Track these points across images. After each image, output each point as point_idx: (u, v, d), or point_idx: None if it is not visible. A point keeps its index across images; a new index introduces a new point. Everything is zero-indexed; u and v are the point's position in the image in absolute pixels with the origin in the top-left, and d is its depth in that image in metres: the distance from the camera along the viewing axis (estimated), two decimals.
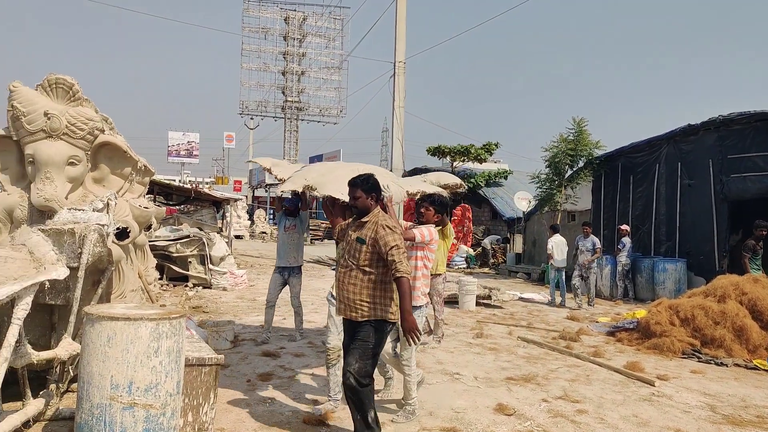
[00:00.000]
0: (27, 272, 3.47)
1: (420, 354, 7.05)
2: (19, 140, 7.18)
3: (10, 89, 6.66)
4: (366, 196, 3.98)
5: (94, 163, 6.88)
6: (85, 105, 7.34)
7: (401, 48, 18.21)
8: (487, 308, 10.90)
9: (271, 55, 47.01)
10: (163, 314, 3.60)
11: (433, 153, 23.01)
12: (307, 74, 47.51)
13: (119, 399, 3.41)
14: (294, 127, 47.33)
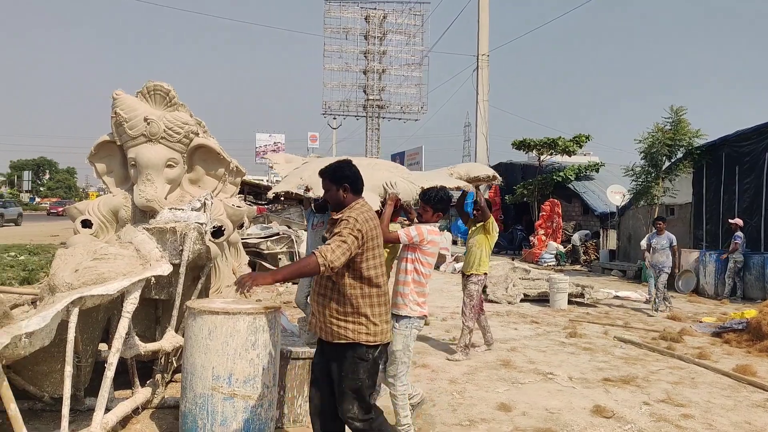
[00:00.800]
0: (134, 268, 3.67)
1: (510, 352, 6.90)
2: (122, 145, 7.61)
3: (113, 97, 7.08)
4: (336, 187, 3.33)
5: (190, 164, 7.21)
6: (180, 110, 7.68)
7: (484, 41, 17.92)
8: (579, 307, 10.52)
9: (352, 54, 47.65)
10: (259, 309, 3.70)
11: (518, 147, 22.48)
12: (387, 72, 47.78)
13: (220, 389, 3.53)
14: (375, 125, 47.74)
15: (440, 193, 4.29)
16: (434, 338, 7.42)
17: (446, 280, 13.47)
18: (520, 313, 9.66)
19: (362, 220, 3.17)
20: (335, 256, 3.02)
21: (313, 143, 59.30)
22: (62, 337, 3.39)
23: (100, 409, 3.52)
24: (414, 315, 4.03)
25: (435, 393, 5.30)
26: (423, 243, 4.05)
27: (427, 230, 4.08)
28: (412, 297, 4.02)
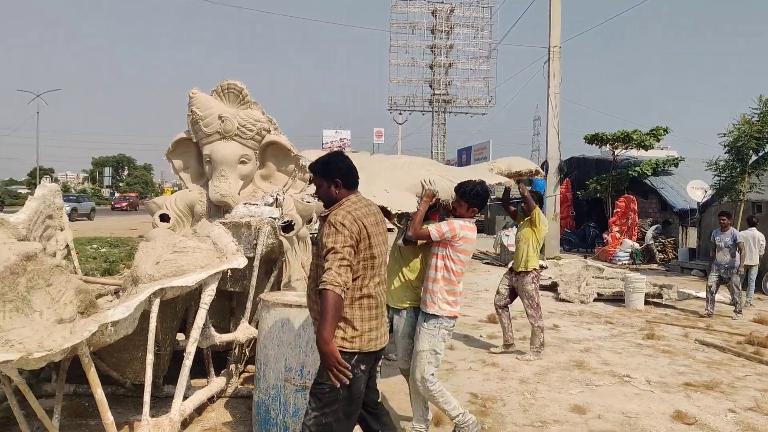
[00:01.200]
0: (212, 261, 3.77)
1: (584, 353, 6.68)
2: (198, 142, 7.85)
3: (189, 96, 7.32)
4: (327, 183, 3.01)
5: (261, 161, 7.37)
6: (253, 108, 7.86)
7: (556, 32, 17.43)
8: (657, 308, 10.07)
9: (418, 49, 47.49)
10: None
11: (591, 141, 21.76)
12: (454, 66, 47.36)
13: (292, 381, 3.59)
14: (442, 120, 47.42)
15: (477, 187, 3.98)
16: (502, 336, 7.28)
17: None
18: (594, 312, 9.35)
19: (350, 221, 2.82)
20: (346, 277, 2.73)
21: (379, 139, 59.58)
22: (143, 326, 3.54)
23: (179, 396, 3.64)
24: (442, 314, 3.82)
25: (505, 392, 5.20)
26: (455, 239, 3.82)
27: (459, 225, 3.85)
28: (441, 295, 3.83)
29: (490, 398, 5.01)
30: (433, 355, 3.80)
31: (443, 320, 3.82)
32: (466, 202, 3.95)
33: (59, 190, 5.46)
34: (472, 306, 9.47)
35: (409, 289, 4.03)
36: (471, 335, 7.26)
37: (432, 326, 3.81)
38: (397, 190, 3.92)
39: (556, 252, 17.42)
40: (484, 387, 5.32)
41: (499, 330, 7.64)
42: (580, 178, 22.82)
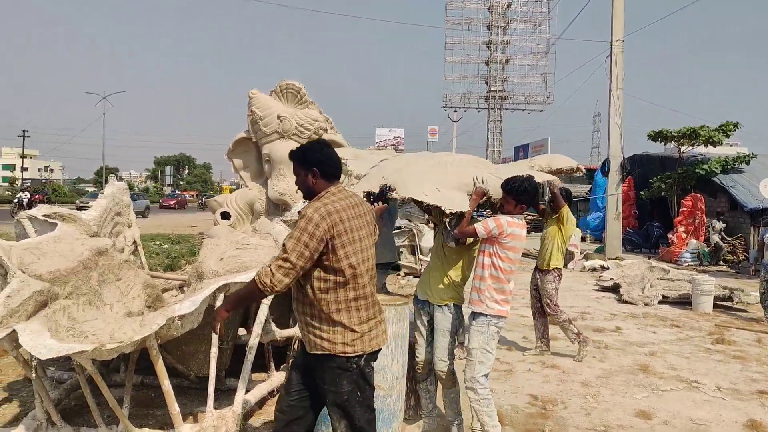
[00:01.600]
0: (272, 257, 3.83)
1: (649, 357, 6.45)
2: (257, 141, 8.00)
3: (249, 96, 7.47)
4: (305, 172, 2.81)
5: None
6: (311, 107, 7.96)
7: (619, 25, 16.90)
8: (726, 311, 9.63)
9: (474, 46, 47.07)
10: (388, 300, 3.73)
11: (655, 138, 20.99)
12: (511, 62, 46.70)
13: None
14: (498, 117, 46.86)
15: (524, 182, 3.80)
16: (564, 338, 7.12)
17: (575, 278, 12.91)
18: (659, 315, 9.02)
19: (320, 216, 2.62)
20: (276, 280, 2.59)
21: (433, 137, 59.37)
22: (207, 320, 3.62)
23: (241, 389, 3.72)
24: (490, 313, 3.72)
25: (566, 395, 5.08)
26: (502, 236, 3.70)
27: (506, 222, 3.72)
28: (489, 294, 3.73)
29: (551, 400, 4.91)
30: (484, 354, 3.71)
31: (491, 319, 3.73)
32: (513, 199, 3.80)
33: (127, 188, 5.68)
34: (528, 306, 9.29)
35: (452, 287, 3.95)
36: (529, 336, 7.13)
37: (481, 323, 3.74)
38: (448, 188, 3.83)
39: (618, 252, 16.90)
40: (544, 389, 5.21)
41: (559, 332, 7.48)
42: (643, 177, 22.06)
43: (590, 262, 14.39)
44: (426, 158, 4.32)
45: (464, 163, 4.19)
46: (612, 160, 17.48)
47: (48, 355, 3.05)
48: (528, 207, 3.92)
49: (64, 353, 3.07)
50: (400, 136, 55.87)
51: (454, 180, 3.90)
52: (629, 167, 19.97)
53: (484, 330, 3.71)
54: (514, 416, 4.53)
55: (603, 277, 12.15)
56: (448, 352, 3.94)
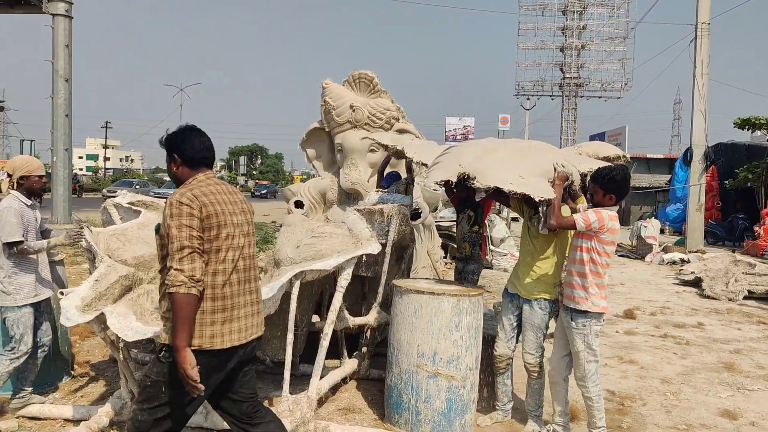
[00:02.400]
0: (348, 247, 3.88)
1: (734, 354, 6.13)
2: (330, 131, 8.10)
3: (323, 86, 7.56)
4: (168, 159, 2.66)
5: None
6: (383, 96, 7.97)
7: (704, 7, 15.98)
8: None
9: (548, 31, 45.68)
10: (463, 291, 3.70)
11: (742, 125, 19.79)
12: (587, 48, 45.03)
13: (425, 367, 3.61)
14: (572, 104, 45.41)
15: (612, 172, 3.58)
16: (642, 333, 6.87)
17: (653, 271, 12.41)
18: (744, 311, 8.54)
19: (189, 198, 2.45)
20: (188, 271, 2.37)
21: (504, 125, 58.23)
22: (282, 306, 3.71)
23: (316, 375, 3.80)
24: (595, 311, 3.57)
25: (645, 392, 4.90)
26: (602, 230, 3.51)
27: (608, 216, 3.53)
28: (593, 290, 3.56)
29: (629, 397, 4.75)
30: (590, 353, 3.60)
31: (592, 317, 3.58)
32: (601, 188, 3.60)
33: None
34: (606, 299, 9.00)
35: (542, 281, 3.85)
36: (606, 330, 6.91)
37: (581, 325, 3.58)
38: (532, 176, 3.68)
39: (700, 245, 16.10)
40: (622, 385, 5.04)
41: (637, 326, 7.23)
42: (727, 166, 20.89)
43: (669, 255, 13.79)
44: (503, 144, 4.17)
45: (541, 149, 4.05)
46: (695, 149, 16.62)
47: (134, 337, 3.21)
48: (619, 199, 3.66)
49: (149, 336, 3.22)
50: (470, 125, 55.10)
51: (536, 166, 3.75)
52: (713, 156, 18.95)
53: (586, 332, 3.58)
54: None
55: (683, 270, 11.63)
56: (537, 346, 3.89)
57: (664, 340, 6.57)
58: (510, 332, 4.00)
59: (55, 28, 17.02)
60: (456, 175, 3.74)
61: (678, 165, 22.13)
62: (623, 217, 26.49)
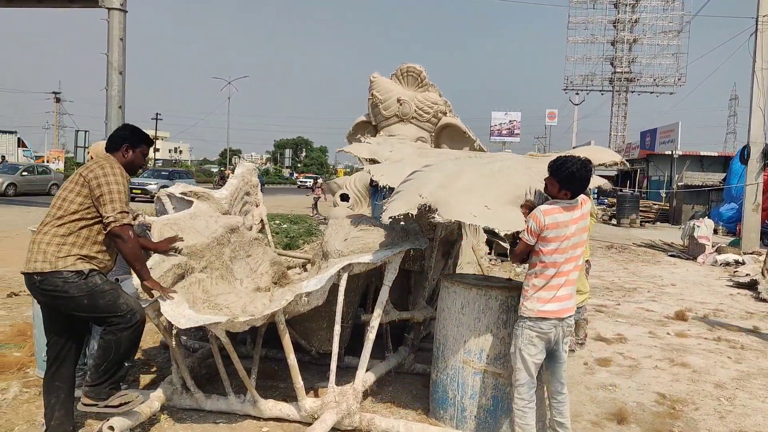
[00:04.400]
0: (395, 240, 3.87)
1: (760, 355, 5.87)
2: (377, 125, 8.10)
3: (371, 80, 7.56)
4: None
5: (436, 143, 7.42)
6: (431, 90, 7.91)
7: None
8: None
9: (599, 25, 44.74)
10: (511, 288, 3.65)
11: None
12: (639, 42, 43.91)
13: (471, 364, 3.58)
14: (623, 100, 44.38)
15: (572, 167, 3.23)
16: (694, 336, 6.65)
17: (706, 273, 12.00)
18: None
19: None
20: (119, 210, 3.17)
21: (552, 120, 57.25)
22: (329, 298, 3.73)
23: (362, 367, 3.81)
24: (527, 315, 3.28)
25: (697, 396, 4.74)
26: (544, 230, 3.22)
27: (542, 211, 3.23)
28: (530, 293, 3.29)
29: (680, 400, 4.60)
30: (518, 360, 3.32)
31: (526, 321, 3.30)
32: (557, 182, 3.29)
33: (256, 168, 5.96)
34: (656, 301, 8.75)
35: None
36: (656, 332, 6.73)
37: (517, 326, 3.36)
38: (500, 204, 3.44)
39: (756, 246, 15.47)
40: (673, 388, 4.89)
41: (689, 328, 7.02)
42: None
43: (723, 256, 13.30)
44: (470, 167, 3.80)
45: (512, 171, 3.71)
46: (752, 147, 15.98)
47: (186, 324, 3.28)
48: (574, 195, 3.32)
49: (201, 324, 3.29)
50: (516, 120, 54.38)
51: (506, 192, 3.49)
52: None
53: (518, 333, 3.33)
54: (639, 414, 4.30)
55: (738, 272, 11.21)
56: None
57: (717, 343, 6.34)
58: None
59: (110, 22, 17.52)
60: (416, 207, 3.50)
61: (734, 163, 21.35)
62: (674, 216, 25.72)
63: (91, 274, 3.20)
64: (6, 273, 8.16)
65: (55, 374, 3.33)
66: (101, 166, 3.24)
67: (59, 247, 3.15)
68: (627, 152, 36.79)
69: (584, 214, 3.35)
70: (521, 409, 3.34)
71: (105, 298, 3.19)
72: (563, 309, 3.29)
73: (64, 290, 3.13)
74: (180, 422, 3.75)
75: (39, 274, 3.14)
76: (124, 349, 3.25)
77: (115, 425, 3.20)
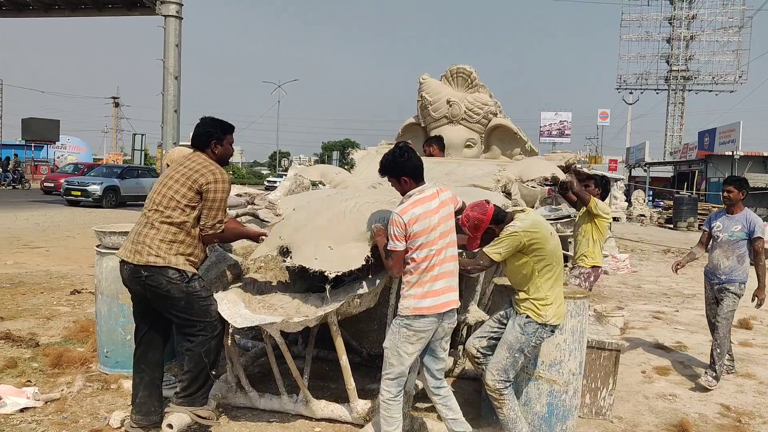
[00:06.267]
0: None
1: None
2: (426, 126, 8.07)
3: (420, 81, 7.53)
4: None
5: (486, 144, 7.33)
6: (481, 91, 7.83)
7: None
8: None
9: (654, 22, 43.47)
10: (568, 293, 3.56)
11: None
12: (697, 38, 42.41)
13: (525, 370, 3.51)
14: (679, 98, 42.95)
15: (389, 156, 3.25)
16: (760, 345, 6.36)
17: None
18: None
19: None
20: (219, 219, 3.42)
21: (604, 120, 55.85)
22: (380, 300, 3.72)
23: (414, 370, 3.77)
24: (403, 313, 3.17)
25: (765, 409, 4.53)
26: (408, 228, 3.10)
27: (398, 212, 3.14)
28: (405, 291, 3.19)
29: (746, 413, 4.40)
30: (396, 357, 3.20)
31: (402, 319, 3.18)
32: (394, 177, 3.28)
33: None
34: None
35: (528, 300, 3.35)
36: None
37: (395, 323, 3.24)
38: (345, 243, 3.44)
39: None
40: (738, 399, 4.69)
41: (754, 337, 6.73)
42: None
43: None
44: (328, 207, 3.78)
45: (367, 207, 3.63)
46: None
47: (243, 324, 3.33)
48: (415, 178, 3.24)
49: (256, 323, 3.34)
50: (567, 120, 53.31)
51: (353, 230, 3.47)
52: None
53: (395, 330, 3.21)
54: (702, 426, 4.13)
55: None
56: (501, 368, 3.33)
57: None
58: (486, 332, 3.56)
59: (166, 29, 18.09)
60: (276, 249, 3.59)
61: None
62: None
63: (193, 278, 3.33)
64: (70, 271, 8.50)
65: (141, 358, 3.50)
66: (213, 173, 3.37)
67: (171, 245, 3.29)
68: (684, 153, 35.60)
69: (443, 202, 3.26)
70: (387, 401, 3.26)
71: (201, 303, 3.33)
72: (441, 304, 3.19)
73: (167, 290, 3.26)
74: (235, 420, 3.81)
75: (147, 269, 3.25)
76: (213, 358, 3.40)
77: (174, 422, 3.27)
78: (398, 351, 3.19)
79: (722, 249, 5.16)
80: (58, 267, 8.83)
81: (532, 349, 3.35)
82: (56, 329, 5.59)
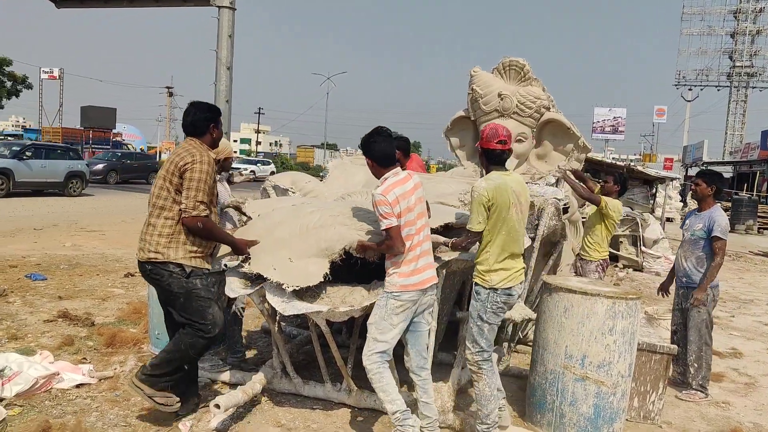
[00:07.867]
0: None
1: None
2: (476, 120, 7.99)
3: (471, 74, 7.44)
4: None
5: (538, 139, 7.19)
6: (534, 84, 7.68)
7: None
8: None
9: (717, 16, 41.75)
10: (619, 293, 3.48)
11: None
12: (763, 33, 40.50)
13: (572, 369, 3.45)
14: (742, 96, 41.22)
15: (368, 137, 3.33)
16: None
17: None
18: None
19: None
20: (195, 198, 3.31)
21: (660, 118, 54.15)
22: None
23: (458, 365, 3.77)
24: (390, 290, 3.23)
25: None
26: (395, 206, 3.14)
27: (381, 193, 3.15)
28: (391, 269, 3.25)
29: None
30: (381, 329, 3.24)
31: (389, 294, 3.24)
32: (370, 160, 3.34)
33: (352, 161, 6.05)
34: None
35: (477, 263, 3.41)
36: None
37: (381, 299, 3.28)
38: (305, 257, 3.45)
39: None
40: None
41: None
42: None
43: None
44: (295, 219, 3.75)
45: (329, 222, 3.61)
46: None
47: (290, 311, 3.37)
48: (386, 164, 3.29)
49: (303, 312, 3.37)
50: (621, 117, 51.87)
51: (314, 246, 3.47)
52: None
53: (382, 304, 3.26)
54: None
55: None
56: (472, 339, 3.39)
57: None
58: None
59: (220, 20, 18.39)
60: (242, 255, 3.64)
61: None
62: None
63: (193, 273, 3.37)
64: (124, 254, 8.80)
65: None
66: (191, 154, 3.34)
67: (170, 239, 3.33)
68: (745, 153, 34.16)
69: (416, 184, 3.33)
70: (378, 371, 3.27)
71: (198, 303, 3.37)
72: (424, 280, 3.27)
73: (168, 283, 3.34)
74: (279, 405, 3.87)
75: (150, 263, 3.35)
76: (194, 354, 3.43)
77: (221, 403, 3.35)
78: (385, 322, 3.25)
79: (683, 249, 4.77)
80: (113, 250, 9.17)
81: (492, 315, 3.34)
82: (111, 310, 5.80)
